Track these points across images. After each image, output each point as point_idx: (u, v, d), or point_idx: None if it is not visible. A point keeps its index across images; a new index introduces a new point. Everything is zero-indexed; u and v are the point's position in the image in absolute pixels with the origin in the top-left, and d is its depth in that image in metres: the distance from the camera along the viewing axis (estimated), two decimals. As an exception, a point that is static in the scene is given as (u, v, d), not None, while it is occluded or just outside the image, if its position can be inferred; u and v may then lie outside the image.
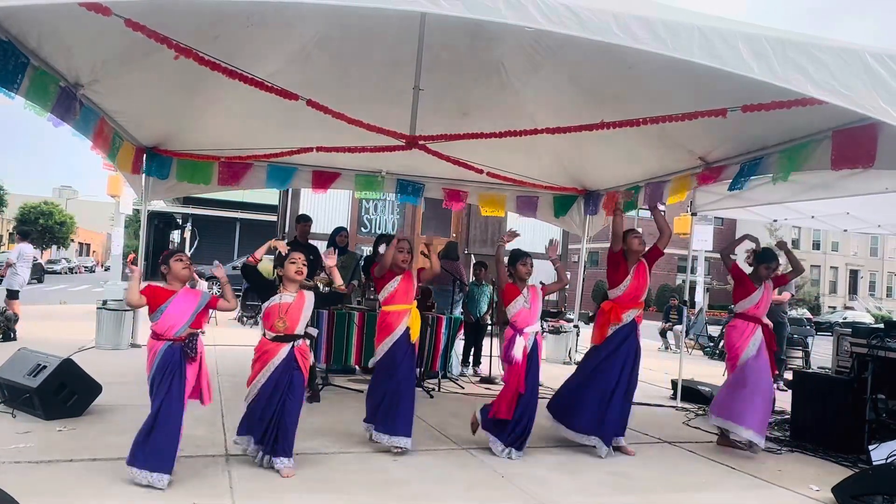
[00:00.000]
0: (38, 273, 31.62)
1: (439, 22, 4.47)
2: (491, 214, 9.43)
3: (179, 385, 3.58)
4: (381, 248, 4.77)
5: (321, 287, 7.05)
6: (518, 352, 4.60)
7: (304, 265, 3.97)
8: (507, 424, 4.61)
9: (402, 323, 4.57)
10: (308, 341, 4.02)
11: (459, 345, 8.42)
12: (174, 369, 3.58)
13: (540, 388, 4.92)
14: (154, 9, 3.75)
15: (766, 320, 5.35)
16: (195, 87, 5.64)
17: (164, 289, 3.68)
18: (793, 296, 10.02)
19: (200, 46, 4.26)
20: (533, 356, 4.72)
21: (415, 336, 4.66)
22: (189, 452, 3.99)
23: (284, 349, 3.88)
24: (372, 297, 7.12)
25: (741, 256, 6.60)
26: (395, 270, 4.68)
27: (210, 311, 3.82)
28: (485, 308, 8.49)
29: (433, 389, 7.02)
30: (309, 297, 4.00)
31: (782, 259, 5.67)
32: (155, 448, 3.49)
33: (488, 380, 7.94)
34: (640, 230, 5.28)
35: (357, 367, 7.44)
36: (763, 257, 5.46)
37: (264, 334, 3.97)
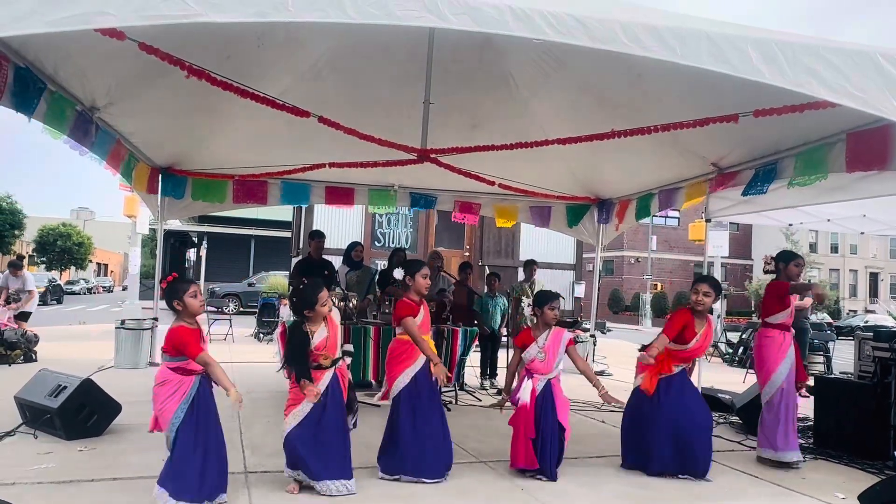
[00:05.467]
0: (58, 294, 32.06)
1: (448, 36, 4.50)
2: (504, 226, 9.44)
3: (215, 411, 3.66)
4: (398, 274, 4.58)
5: (335, 302, 7.08)
6: (525, 394, 4.39)
7: (329, 301, 3.89)
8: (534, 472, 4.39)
9: (422, 354, 4.31)
10: (348, 360, 3.95)
11: (475, 358, 8.39)
12: (209, 399, 3.62)
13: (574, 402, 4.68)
14: (167, 32, 3.81)
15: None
16: (208, 107, 5.72)
17: (196, 330, 3.61)
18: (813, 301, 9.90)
19: (213, 67, 4.31)
20: (546, 399, 4.42)
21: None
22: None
23: (328, 374, 3.83)
24: (387, 310, 7.12)
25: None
26: (417, 302, 4.38)
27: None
28: (499, 320, 8.45)
29: (450, 402, 7.00)
30: (335, 319, 3.92)
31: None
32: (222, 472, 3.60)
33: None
34: (707, 289, 4.72)
35: (374, 381, 7.44)
36: (790, 255, 5.36)
37: None
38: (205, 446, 3.51)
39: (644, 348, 4.77)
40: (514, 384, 4.59)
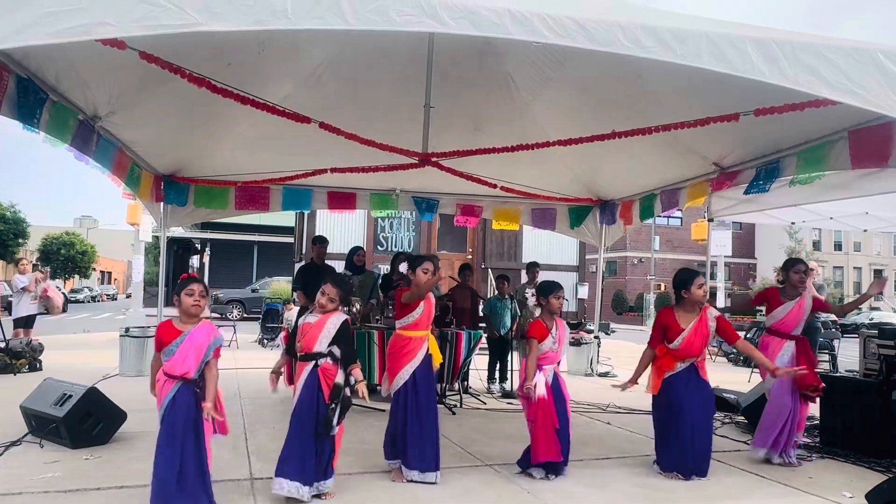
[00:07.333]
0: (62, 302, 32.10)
1: (447, 40, 4.51)
2: (504, 228, 9.43)
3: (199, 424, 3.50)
4: (403, 268, 4.63)
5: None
6: (541, 388, 4.44)
7: (330, 301, 3.89)
8: (558, 465, 4.45)
9: (423, 348, 4.36)
10: (332, 361, 3.82)
11: (481, 361, 8.37)
12: (190, 410, 3.47)
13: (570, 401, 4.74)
14: (168, 40, 3.82)
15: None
16: (209, 114, 5.73)
17: (174, 327, 3.55)
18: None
19: (213, 74, 4.33)
20: (557, 389, 4.54)
21: (437, 361, 4.46)
22: (214, 477, 3.99)
23: (307, 368, 3.82)
24: (390, 315, 7.11)
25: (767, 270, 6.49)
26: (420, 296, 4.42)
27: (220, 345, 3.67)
28: (509, 323, 8.40)
29: (455, 406, 6.99)
30: (333, 320, 3.85)
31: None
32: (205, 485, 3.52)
33: (510, 394, 7.90)
34: (704, 281, 4.83)
35: (379, 385, 7.43)
36: (789, 263, 5.35)
37: None
38: (179, 455, 3.40)
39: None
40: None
